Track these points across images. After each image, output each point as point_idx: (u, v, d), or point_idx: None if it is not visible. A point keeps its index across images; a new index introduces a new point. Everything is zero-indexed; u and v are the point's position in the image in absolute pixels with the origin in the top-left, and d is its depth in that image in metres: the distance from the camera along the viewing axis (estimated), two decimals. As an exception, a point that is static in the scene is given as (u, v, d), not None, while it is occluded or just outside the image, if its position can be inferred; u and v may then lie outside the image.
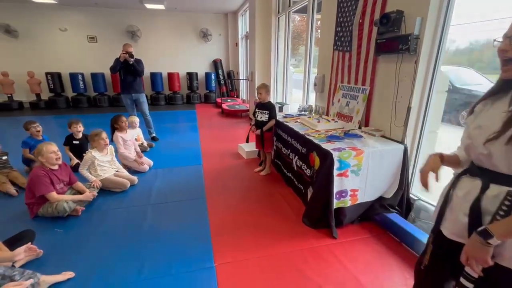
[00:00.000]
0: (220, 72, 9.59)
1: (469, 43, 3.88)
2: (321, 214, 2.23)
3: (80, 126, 3.45)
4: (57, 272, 1.68)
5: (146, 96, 7.67)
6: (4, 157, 3.07)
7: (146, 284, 1.66)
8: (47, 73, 8.00)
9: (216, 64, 9.55)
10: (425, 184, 1.08)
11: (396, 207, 2.29)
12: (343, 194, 2.17)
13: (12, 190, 2.78)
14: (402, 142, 2.26)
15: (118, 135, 3.35)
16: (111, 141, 3.26)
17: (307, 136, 2.52)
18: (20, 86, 7.99)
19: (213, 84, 9.39)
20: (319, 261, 1.87)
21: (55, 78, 8.07)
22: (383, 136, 2.44)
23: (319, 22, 3.95)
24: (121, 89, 4.61)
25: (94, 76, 8.33)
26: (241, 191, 2.94)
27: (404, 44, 2.03)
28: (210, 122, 6.50)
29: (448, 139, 4.63)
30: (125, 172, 3.11)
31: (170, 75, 8.92)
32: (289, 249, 1.99)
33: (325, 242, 2.07)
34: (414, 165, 2.36)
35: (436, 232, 1.05)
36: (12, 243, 1.80)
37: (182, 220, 2.36)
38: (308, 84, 4.34)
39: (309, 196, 2.45)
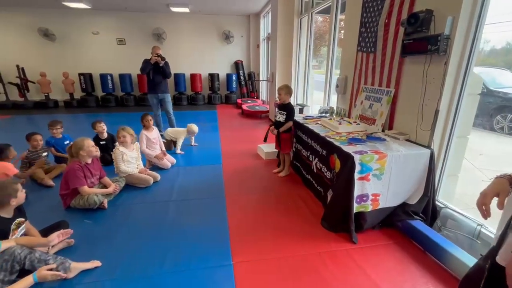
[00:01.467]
0: (241, 73, 9.70)
1: (506, 43, 3.64)
2: (340, 217, 2.19)
3: (103, 125, 3.65)
4: (85, 261, 1.80)
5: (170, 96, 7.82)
6: (44, 154, 3.31)
7: (167, 277, 1.72)
8: (80, 74, 8.52)
9: (237, 65, 9.67)
10: (485, 209, 0.93)
11: (421, 214, 2.20)
12: (364, 199, 2.12)
13: (50, 182, 3.00)
14: (428, 146, 2.17)
15: (143, 133, 3.50)
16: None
17: (328, 138, 2.49)
18: (56, 86, 8.58)
19: (234, 85, 9.51)
20: (338, 265, 1.84)
21: (87, 79, 8.58)
22: (407, 140, 2.36)
23: (342, 23, 3.89)
24: (148, 88, 4.83)
25: (121, 76, 8.75)
26: (260, 191, 2.96)
27: (433, 44, 1.95)
28: (230, 122, 6.59)
29: (481, 145, 4.37)
30: (142, 167, 3.23)
31: (193, 76, 9.16)
32: (308, 251, 1.98)
33: (345, 246, 2.04)
34: (441, 170, 2.26)
35: (492, 259, 0.95)
36: (48, 232, 1.94)
37: (202, 217, 2.42)
38: (329, 86, 4.28)
39: (328, 199, 2.42)
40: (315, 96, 5.92)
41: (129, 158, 3.04)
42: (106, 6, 8.03)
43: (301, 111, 4.87)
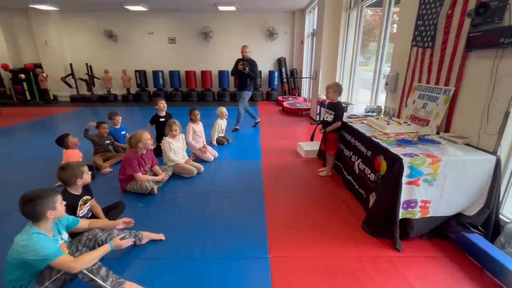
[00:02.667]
0: (283, 70, 9.64)
1: None
2: (383, 222, 2.08)
3: (164, 103, 3.90)
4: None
5: (212, 92, 8.19)
6: (107, 141, 3.73)
7: (207, 263, 1.83)
8: (136, 71, 9.36)
9: (280, 62, 9.64)
10: None
11: (480, 227, 1.97)
12: (412, 205, 1.98)
13: (108, 169, 3.37)
14: (494, 153, 1.93)
15: (190, 126, 3.73)
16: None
17: (374, 139, 2.37)
18: (116, 82, 9.56)
19: (276, 82, 9.51)
20: (379, 271, 1.76)
21: (141, 75, 9.39)
22: (467, 144, 2.12)
23: (395, 16, 3.62)
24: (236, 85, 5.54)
25: (171, 73, 9.38)
26: (299, 189, 2.95)
27: (507, 37, 1.72)
28: (271, 119, 6.63)
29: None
30: (187, 158, 3.44)
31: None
32: (346, 253, 1.92)
33: (387, 253, 1.93)
34: (508, 181, 1.99)
35: None
36: (109, 210, 2.22)
37: (241, 209, 2.51)
38: (378, 83, 4.04)
39: (371, 202, 2.31)
40: (361, 94, 5.63)
41: (176, 148, 3.27)
42: (161, 8, 8.65)
43: (345, 109, 4.68)
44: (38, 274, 1.45)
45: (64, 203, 1.57)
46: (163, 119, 3.89)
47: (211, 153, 3.79)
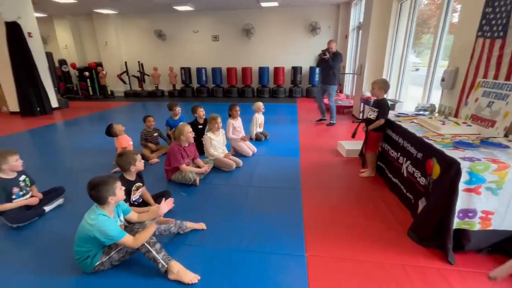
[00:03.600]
0: (325, 66, 9.32)
1: None
2: (434, 231, 1.91)
3: (203, 110, 3.99)
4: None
5: (251, 88, 8.27)
6: (155, 134, 4.03)
7: (244, 255, 1.88)
8: (181, 68, 9.90)
9: (321, 58, 9.34)
10: None
11: (556, 247, 1.70)
12: (470, 214, 1.78)
13: (155, 160, 3.63)
14: None
15: (230, 121, 3.84)
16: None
17: (426, 140, 2.17)
18: (163, 79, 10.23)
19: (317, 78, 9.26)
20: (426, 284, 1.63)
21: (186, 72, 9.90)
22: (545, 150, 1.83)
23: (456, 4, 3.26)
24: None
25: (213, 70, 9.72)
26: (339, 189, 2.85)
27: None
28: (310, 116, 6.48)
29: None
30: (227, 152, 3.53)
31: (276, 70, 9.37)
32: (389, 260, 1.81)
33: (436, 264, 1.77)
34: None
35: None
36: (157, 197, 2.41)
37: (278, 205, 2.52)
38: (432, 79, 3.68)
39: (420, 208, 2.13)
40: (410, 91, 5.19)
41: (216, 143, 3.40)
42: (206, 7, 8.98)
43: (392, 107, 4.36)
44: (104, 246, 1.67)
45: (123, 188, 1.74)
46: (201, 126, 3.91)
47: (249, 148, 3.85)
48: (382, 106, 2.84)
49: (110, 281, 1.67)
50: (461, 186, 1.72)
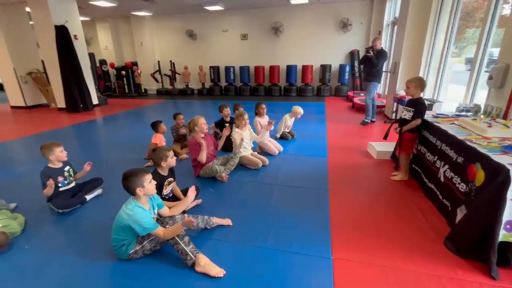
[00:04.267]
0: (356, 63, 9.00)
1: None
2: (474, 242, 1.76)
3: (229, 110, 4.12)
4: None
5: (278, 86, 8.20)
6: (183, 131, 4.18)
7: (270, 253, 1.89)
8: (210, 67, 10.14)
9: (352, 55, 9.03)
10: None
11: None
12: (519, 226, 1.61)
13: (185, 155, 3.78)
14: None
15: (256, 119, 3.86)
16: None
17: (469, 143, 2.01)
18: (193, 77, 10.56)
19: (346, 77, 8.97)
20: (464, 297, 1.51)
21: (215, 71, 10.12)
22: None
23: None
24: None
25: (241, 69, 9.82)
26: (368, 192, 2.75)
27: None
28: (339, 115, 6.31)
29: None
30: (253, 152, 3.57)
31: (304, 68, 9.22)
32: (422, 270, 1.71)
33: (477, 278, 1.64)
34: None
35: None
36: (185, 193, 2.48)
37: (304, 205, 2.49)
38: (477, 77, 3.39)
39: (459, 217, 1.98)
40: (450, 90, 4.82)
41: (244, 139, 3.43)
42: (235, 6, 9.09)
43: (429, 107, 4.09)
44: (138, 236, 1.77)
45: (154, 182, 1.83)
46: (227, 124, 4.10)
47: (275, 147, 3.85)
48: (419, 106, 2.68)
49: (142, 268, 1.77)
50: (510, 195, 1.57)
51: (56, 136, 5.12)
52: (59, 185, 2.51)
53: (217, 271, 1.68)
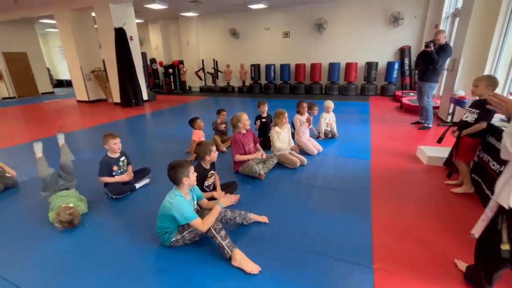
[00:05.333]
0: (406, 61, 8.33)
1: None
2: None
3: (266, 106, 4.12)
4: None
5: (319, 85, 7.92)
6: (223, 125, 4.31)
7: (306, 255, 1.85)
8: (251, 65, 10.26)
9: (402, 52, 8.37)
10: None
11: None
12: None
13: (224, 148, 3.89)
14: None
15: (297, 117, 3.81)
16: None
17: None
18: (234, 75, 10.82)
19: (395, 75, 8.35)
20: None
21: (256, 69, 10.23)
22: None
23: None
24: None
25: (282, 67, 9.76)
26: (416, 200, 2.53)
27: None
28: (385, 116, 5.90)
29: None
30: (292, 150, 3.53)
31: (348, 65, 8.82)
32: (479, 292, 1.52)
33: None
34: None
35: None
36: (225, 187, 2.58)
37: (343, 209, 2.39)
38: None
39: (529, 237, 1.71)
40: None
41: (282, 138, 3.41)
42: (278, 4, 9.05)
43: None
44: (179, 225, 1.88)
45: (196, 174, 1.93)
46: (264, 120, 4.13)
47: (315, 147, 3.75)
48: (485, 108, 2.37)
49: (183, 256, 1.87)
50: None
51: (112, 128, 5.67)
52: (114, 173, 2.78)
53: (252, 267, 1.70)
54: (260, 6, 8.73)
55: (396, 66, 8.27)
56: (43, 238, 2.13)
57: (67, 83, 14.47)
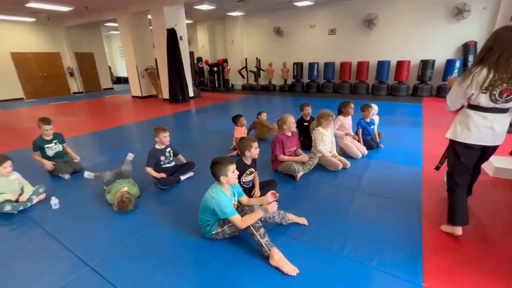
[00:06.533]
0: (471, 58, 7.40)
1: None
2: None
3: (310, 109, 3.97)
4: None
5: (366, 84, 7.44)
6: (265, 129, 4.34)
7: (346, 262, 1.77)
8: (294, 63, 10.13)
9: (466, 48, 7.46)
10: None
11: None
12: None
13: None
14: None
15: (339, 118, 3.64)
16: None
17: None
18: (276, 73, 10.79)
19: (455, 74, 7.48)
20: None
21: (298, 67, 10.06)
22: None
23: None
24: None
25: (326, 65, 9.44)
26: (477, 216, 2.24)
27: None
28: (441, 120, 5.34)
29: None
30: (334, 153, 3.38)
31: (399, 64, 8.17)
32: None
33: None
34: None
35: None
36: (264, 185, 2.59)
37: (390, 218, 2.23)
38: None
39: None
40: None
41: (326, 139, 3.29)
42: (325, 0, 8.75)
43: None
44: (220, 219, 1.94)
45: (237, 173, 1.96)
46: (306, 123, 3.97)
47: (359, 150, 3.56)
48: None
49: (223, 249, 1.93)
50: None
51: (161, 122, 6.10)
52: (162, 163, 2.98)
53: (290, 268, 1.68)
54: (306, 3, 8.55)
55: (458, 64, 7.41)
56: (102, 218, 2.39)
57: (124, 80, 15.97)
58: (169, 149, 3.06)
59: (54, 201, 2.54)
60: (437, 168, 2.32)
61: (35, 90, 10.95)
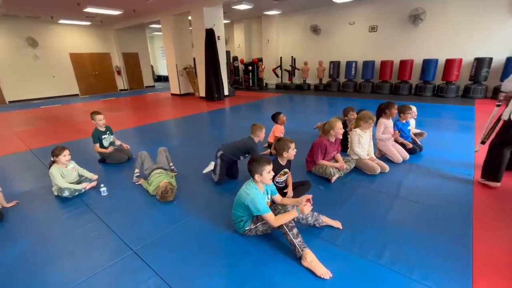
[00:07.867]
0: (538, 55, 6.53)
1: None
2: None
3: (354, 114, 3.70)
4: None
5: (409, 84, 6.94)
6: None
7: (384, 272, 1.68)
8: (330, 62, 9.82)
9: (533, 44, 6.59)
10: None
11: None
12: None
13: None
14: None
15: (382, 120, 3.45)
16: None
17: None
18: (311, 72, 10.58)
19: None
20: None
21: (335, 66, 9.74)
22: None
23: None
24: None
25: (365, 64, 9.00)
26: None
27: None
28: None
29: None
30: (372, 156, 3.22)
31: (449, 62, 7.50)
32: None
33: None
34: None
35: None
36: (297, 186, 2.56)
37: (434, 228, 2.07)
38: None
39: None
40: None
41: (363, 142, 3.15)
42: (367, -5, 8.34)
43: None
44: (253, 215, 1.96)
45: (272, 173, 1.96)
46: (347, 129, 3.66)
47: (400, 153, 3.34)
48: None
49: (255, 246, 1.96)
50: None
51: (197, 119, 6.34)
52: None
53: (323, 271, 1.65)
54: (346, -1, 8.23)
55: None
56: (144, 206, 2.56)
57: (164, 78, 16.89)
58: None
59: (103, 189, 2.79)
60: (483, 142, 2.75)
61: (88, 87, 12.13)
